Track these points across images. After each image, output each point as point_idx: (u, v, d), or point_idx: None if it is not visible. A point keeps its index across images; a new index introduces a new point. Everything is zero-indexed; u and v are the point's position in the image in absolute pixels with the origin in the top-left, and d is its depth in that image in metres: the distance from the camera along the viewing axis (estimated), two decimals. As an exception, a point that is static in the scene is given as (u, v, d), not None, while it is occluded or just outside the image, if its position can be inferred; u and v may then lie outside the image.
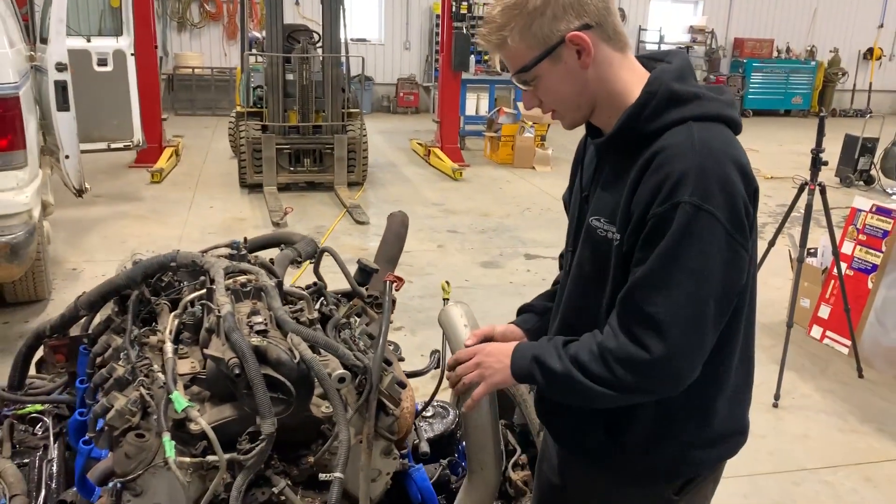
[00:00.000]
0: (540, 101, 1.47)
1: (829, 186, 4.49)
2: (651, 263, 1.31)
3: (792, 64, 17.92)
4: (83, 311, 1.86)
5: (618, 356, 1.34)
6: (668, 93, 1.37)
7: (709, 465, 1.58)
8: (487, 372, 1.50)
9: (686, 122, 1.35)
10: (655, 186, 1.31)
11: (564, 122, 1.51)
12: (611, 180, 1.45)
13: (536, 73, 1.40)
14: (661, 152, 1.33)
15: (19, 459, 1.84)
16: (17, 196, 4.13)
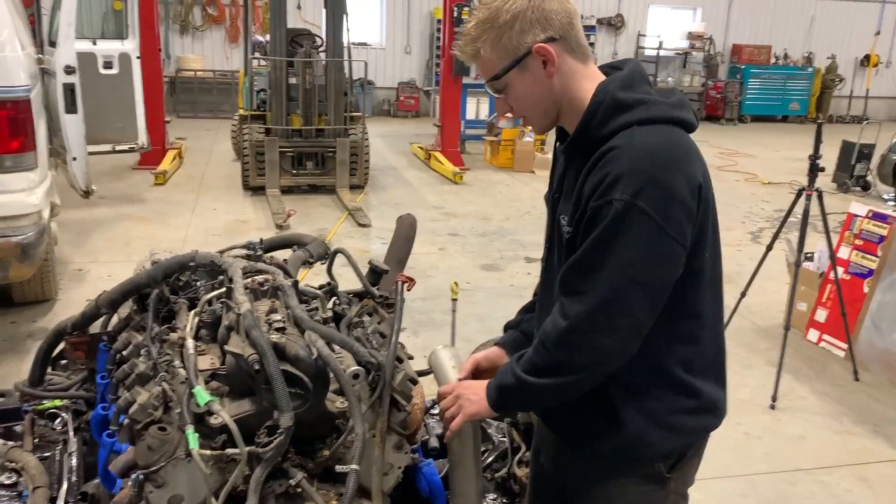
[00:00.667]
0: (510, 107, 1.59)
1: (826, 192, 4.56)
2: (584, 248, 1.45)
3: (789, 70, 18.02)
4: (104, 309, 1.91)
5: (549, 335, 1.51)
6: (613, 101, 1.49)
7: (696, 436, 1.67)
8: (465, 404, 1.65)
9: (631, 127, 1.46)
10: (596, 183, 1.44)
11: (535, 127, 1.64)
12: (572, 181, 1.57)
13: (506, 82, 1.54)
14: (605, 154, 1.45)
15: (40, 453, 1.89)
16: (28, 197, 4.19)
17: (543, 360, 1.52)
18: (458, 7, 9.96)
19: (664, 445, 1.62)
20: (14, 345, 4.44)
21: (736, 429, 3.89)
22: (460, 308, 5.24)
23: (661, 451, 1.62)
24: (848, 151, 10.14)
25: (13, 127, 4.06)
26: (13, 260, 4.03)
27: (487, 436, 2.25)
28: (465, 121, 11.56)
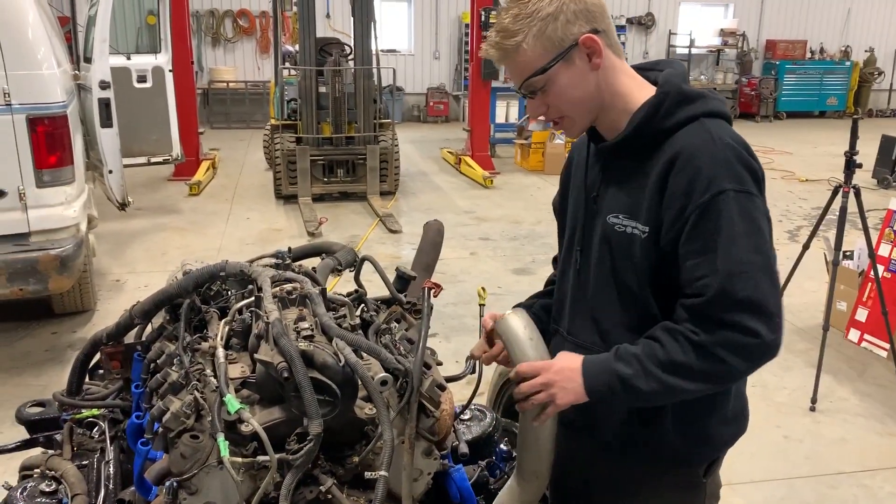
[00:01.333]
0: (547, 107, 1.53)
1: (865, 188, 4.47)
2: (719, 253, 1.38)
3: (826, 65, 17.68)
4: (137, 319, 1.95)
5: (728, 347, 1.38)
6: (679, 92, 1.49)
7: (730, 443, 1.66)
8: (558, 393, 1.49)
9: (698, 119, 1.47)
10: (689, 181, 1.41)
11: (573, 129, 1.58)
12: (625, 178, 1.54)
13: (549, 77, 1.47)
14: (683, 150, 1.43)
15: (79, 461, 1.92)
16: (66, 210, 4.29)
17: (710, 369, 1.40)
18: (486, 11, 9.97)
19: (700, 456, 1.63)
20: (55, 355, 4.54)
21: (775, 432, 3.82)
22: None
23: (698, 460, 1.63)
24: (888, 146, 9.91)
25: (51, 142, 4.17)
26: (52, 272, 4.12)
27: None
28: (495, 124, 11.57)
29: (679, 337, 1.42)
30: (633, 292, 1.54)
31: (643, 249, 1.49)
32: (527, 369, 1.51)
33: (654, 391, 1.43)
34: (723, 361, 1.39)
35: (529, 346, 1.57)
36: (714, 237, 1.38)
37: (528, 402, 1.51)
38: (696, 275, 1.40)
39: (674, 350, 1.41)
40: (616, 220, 1.53)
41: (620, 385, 1.44)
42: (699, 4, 18.05)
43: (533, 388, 1.50)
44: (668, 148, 1.46)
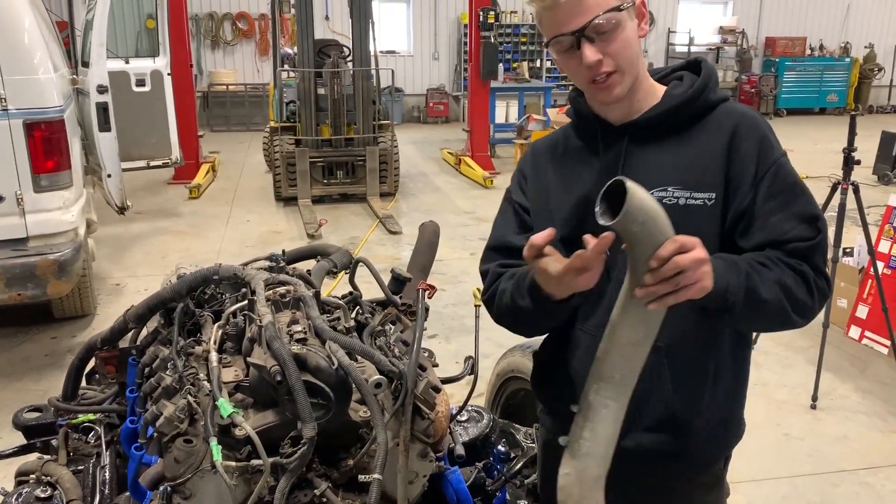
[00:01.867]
0: (602, 56, 1.45)
1: (866, 184, 4.46)
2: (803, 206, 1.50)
3: (826, 61, 17.66)
4: (132, 323, 1.94)
5: (819, 287, 1.49)
6: (716, 77, 1.60)
7: (739, 439, 1.70)
8: (707, 276, 1.31)
9: (728, 100, 1.59)
10: (758, 146, 1.51)
11: (618, 88, 1.50)
12: (662, 154, 1.55)
13: (620, 19, 1.44)
14: (743, 119, 1.54)
15: (74, 466, 1.92)
16: (63, 215, 4.29)
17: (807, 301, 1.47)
18: (485, 11, 9.96)
19: (728, 447, 1.67)
20: (55, 360, 4.54)
21: (776, 430, 3.81)
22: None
23: (723, 456, 1.67)
24: (888, 142, 9.88)
25: (48, 147, 4.17)
26: (51, 277, 4.12)
27: (516, 441, 2.23)
28: (495, 125, 11.56)
29: (781, 264, 1.47)
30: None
31: (708, 217, 1.51)
32: (689, 242, 1.28)
33: (770, 301, 1.43)
34: (811, 295, 1.47)
35: (668, 219, 1.30)
36: (795, 189, 1.51)
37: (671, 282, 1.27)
38: (791, 224, 1.48)
39: (778, 271, 1.46)
40: (664, 193, 1.51)
41: (745, 285, 1.40)
42: (698, 2, 18.05)
43: (692, 264, 1.27)
44: (717, 118, 1.54)
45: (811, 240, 1.49)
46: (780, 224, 1.49)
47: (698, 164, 1.52)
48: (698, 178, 1.51)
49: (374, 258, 6.15)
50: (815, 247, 1.49)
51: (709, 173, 1.51)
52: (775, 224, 1.49)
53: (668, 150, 1.55)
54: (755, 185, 1.50)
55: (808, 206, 1.51)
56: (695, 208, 1.50)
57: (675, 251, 1.26)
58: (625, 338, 1.38)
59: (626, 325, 1.38)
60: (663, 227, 1.28)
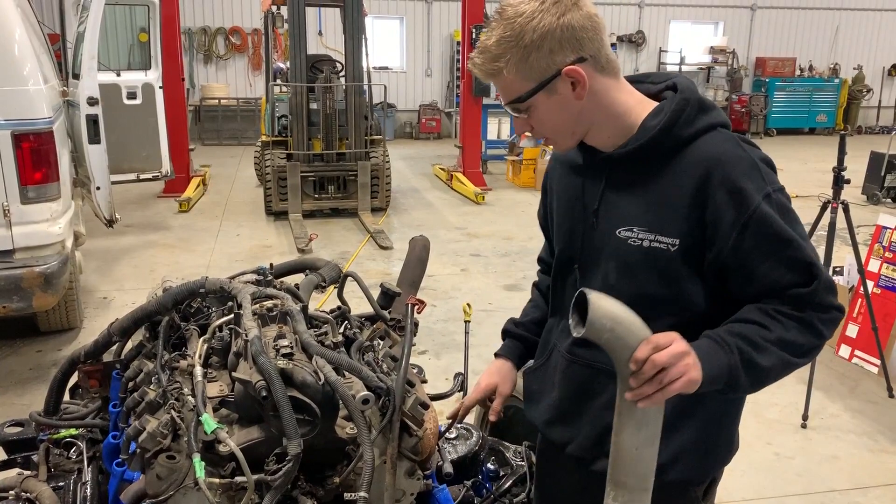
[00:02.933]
0: (532, 127, 1.50)
1: (856, 204, 4.48)
2: (794, 249, 1.43)
3: (815, 82, 17.83)
4: (116, 337, 1.91)
5: (827, 323, 1.45)
6: (698, 101, 1.48)
7: (726, 463, 1.67)
8: (693, 368, 1.31)
9: (715, 129, 1.47)
10: (733, 192, 1.41)
11: (559, 147, 1.57)
12: (635, 190, 1.50)
13: (531, 104, 1.44)
14: (718, 161, 1.43)
15: (55, 482, 1.88)
16: (50, 227, 4.26)
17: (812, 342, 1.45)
18: (477, 28, 10.01)
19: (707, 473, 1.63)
20: (40, 373, 4.48)
21: (766, 449, 3.79)
22: (483, 329, 5.21)
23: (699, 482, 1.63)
24: (877, 162, 9.96)
25: (36, 158, 4.14)
26: (36, 289, 4.08)
27: (505, 459, 2.21)
28: (487, 141, 11.59)
29: (779, 316, 1.42)
30: (665, 302, 1.49)
31: (671, 262, 1.47)
32: (664, 340, 1.28)
33: (772, 367, 1.42)
34: (822, 335, 1.45)
35: (639, 320, 1.30)
36: (780, 237, 1.42)
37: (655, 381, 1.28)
38: (779, 273, 1.42)
39: (777, 328, 1.42)
40: (630, 233, 1.49)
41: (742, 363, 1.39)
42: (689, 22, 18.21)
43: (671, 359, 1.27)
44: (691, 158, 1.44)
45: (807, 286, 1.42)
46: (770, 273, 1.43)
47: (665, 206, 1.46)
48: (663, 221, 1.46)
49: (365, 273, 6.12)
50: (813, 293, 1.43)
51: (674, 218, 1.45)
52: (765, 274, 1.43)
53: (640, 188, 1.50)
54: (733, 235, 1.42)
55: (798, 253, 1.43)
56: (658, 252, 1.47)
57: (649, 352, 1.27)
58: (628, 442, 1.38)
59: (627, 430, 1.37)
60: (634, 330, 1.28)
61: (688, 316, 1.49)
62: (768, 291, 1.44)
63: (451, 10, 15.91)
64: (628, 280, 1.51)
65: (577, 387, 1.65)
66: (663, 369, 1.27)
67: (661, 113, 1.47)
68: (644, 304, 1.46)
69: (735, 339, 1.41)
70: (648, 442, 1.37)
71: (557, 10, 1.38)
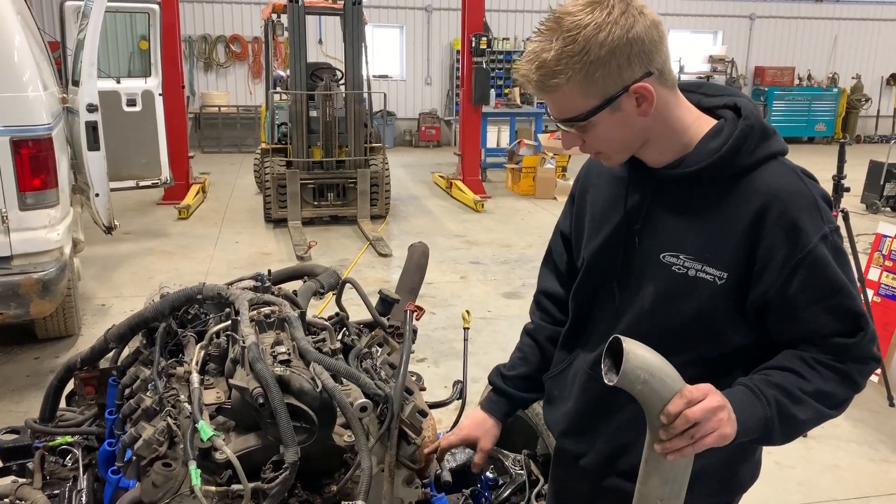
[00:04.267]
0: (583, 142, 1.40)
1: (855, 213, 4.47)
2: (844, 295, 1.36)
3: (814, 91, 17.87)
4: (112, 343, 1.90)
5: (865, 374, 1.40)
6: (762, 128, 1.40)
7: (748, 487, 1.64)
8: (727, 422, 1.26)
9: (776, 157, 1.40)
10: (784, 234, 1.34)
11: (610, 162, 1.45)
12: (686, 214, 1.42)
13: (591, 122, 1.34)
14: (777, 195, 1.35)
15: (50, 490, 1.86)
16: (49, 233, 4.24)
17: (848, 395, 1.40)
18: (477, 37, 10.05)
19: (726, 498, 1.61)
20: (37, 381, 4.46)
21: (767, 458, 3.72)
22: (482, 337, 5.20)
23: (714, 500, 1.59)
24: (876, 171, 9.97)
25: (35, 165, 4.13)
26: (34, 296, 4.06)
27: (505, 468, 2.19)
28: (486, 149, 11.61)
29: (818, 367, 1.37)
30: (699, 334, 1.43)
31: (715, 295, 1.39)
32: (697, 393, 1.24)
33: (808, 420, 1.37)
34: (858, 387, 1.40)
35: (675, 372, 1.26)
36: (832, 283, 1.35)
37: (686, 436, 1.24)
38: (825, 320, 1.36)
39: (815, 378, 1.36)
40: (675, 259, 1.41)
41: (778, 415, 1.34)
42: (688, 31, 18.25)
43: (704, 414, 1.23)
44: (750, 189, 1.36)
45: (852, 337, 1.37)
46: (815, 319, 1.36)
47: (718, 236, 1.38)
48: (714, 252, 1.38)
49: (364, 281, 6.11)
50: (857, 345, 1.37)
51: (726, 250, 1.37)
52: (810, 319, 1.37)
53: (690, 213, 1.41)
54: (784, 274, 1.34)
55: (847, 301, 1.36)
56: (704, 283, 1.39)
57: (682, 407, 1.22)
58: (653, 493, 1.34)
59: (653, 481, 1.33)
60: (668, 382, 1.24)
61: (717, 350, 1.44)
62: (810, 337, 1.39)
63: (451, 18, 15.94)
64: (665, 308, 1.44)
65: (594, 403, 1.59)
66: (696, 424, 1.23)
67: (719, 135, 1.38)
68: (675, 334, 1.44)
69: (772, 389, 1.35)
70: (674, 495, 1.33)
71: (626, 21, 1.26)
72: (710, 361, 1.44)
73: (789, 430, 1.37)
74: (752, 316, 1.41)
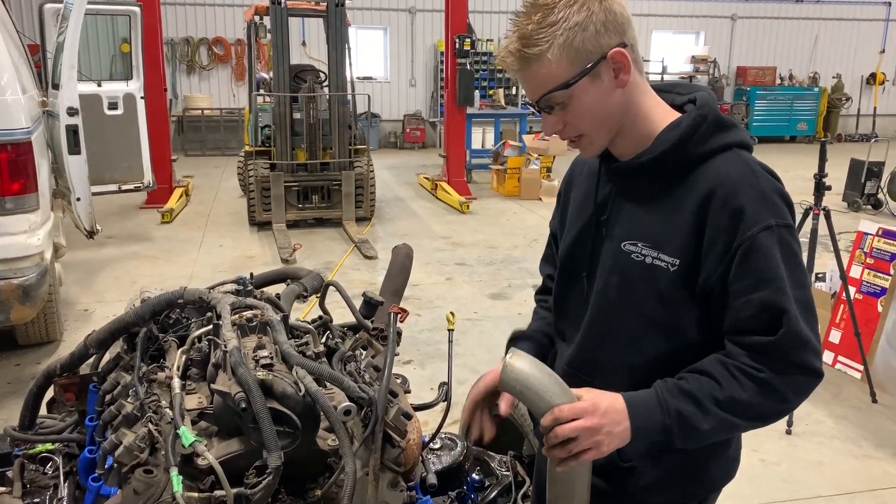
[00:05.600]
0: (564, 125, 1.42)
1: (837, 211, 4.51)
2: (775, 290, 1.32)
3: (795, 91, 18.04)
4: (92, 349, 1.88)
5: (794, 386, 1.35)
6: (717, 118, 1.42)
7: (721, 486, 1.62)
8: (605, 439, 1.32)
9: (731, 149, 1.41)
10: (733, 216, 1.34)
11: (590, 149, 1.47)
12: (644, 203, 1.45)
13: (572, 92, 1.36)
14: (724, 182, 1.36)
15: (30, 499, 1.83)
16: (29, 238, 4.19)
17: (774, 407, 1.36)
18: (460, 38, 10.05)
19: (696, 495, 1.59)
20: (18, 388, 4.41)
21: (752, 455, 3.79)
22: (468, 338, 5.20)
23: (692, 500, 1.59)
24: (857, 169, 10.08)
25: (13, 169, 4.08)
26: (14, 302, 4.01)
27: (490, 469, 2.19)
28: (471, 150, 11.63)
29: (738, 374, 1.34)
30: (662, 325, 1.44)
31: (670, 282, 1.40)
32: (568, 412, 1.31)
33: (712, 429, 1.35)
34: (786, 400, 1.35)
35: (555, 386, 1.34)
36: (765, 274, 1.32)
37: (564, 450, 1.32)
38: (752, 312, 1.33)
39: (732, 387, 1.33)
40: (633, 247, 1.44)
41: (678, 425, 1.34)
42: (671, 32, 18.37)
43: (574, 433, 1.31)
44: (701, 177, 1.38)
45: (769, 335, 1.32)
46: (740, 310, 1.35)
47: (670, 224, 1.41)
48: (667, 239, 1.41)
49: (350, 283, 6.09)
50: (775, 346, 1.32)
51: (676, 237, 1.40)
52: (737, 309, 1.35)
53: (649, 202, 1.45)
54: (725, 261, 1.35)
55: (775, 296, 1.32)
56: (659, 270, 1.41)
57: (550, 423, 1.31)
58: (550, 494, 1.49)
59: (552, 486, 1.47)
60: (544, 398, 1.32)
61: (684, 342, 1.44)
62: (733, 331, 1.37)
63: (435, 20, 15.94)
64: (628, 296, 1.46)
65: None
66: (572, 439, 1.31)
67: (678, 126, 1.41)
68: (641, 323, 1.46)
69: (679, 399, 1.35)
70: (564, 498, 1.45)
71: None
72: (680, 356, 1.43)
73: (690, 438, 1.36)
74: (703, 307, 1.41)
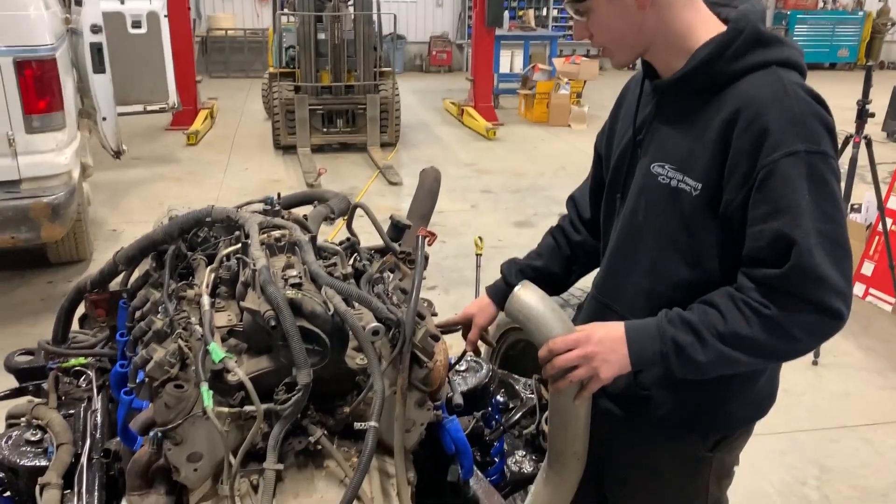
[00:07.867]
0: (590, 34, 1.41)
1: (877, 141, 4.36)
2: (793, 221, 1.23)
3: (838, 15, 17.29)
4: (121, 266, 1.89)
5: (804, 325, 1.27)
6: (756, 33, 1.33)
7: (746, 424, 1.59)
8: (601, 366, 1.35)
9: (770, 67, 1.32)
10: (756, 139, 1.26)
11: (613, 61, 1.47)
12: (678, 123, 1.41)
13: (589, 7, 1.36)
14: (750, 102, 1.28)
15: (65, 410, 1.88)
16: (56, 157, 4.21)
17: (779, 346, 1.29)
18: (491, -44, 9.70)
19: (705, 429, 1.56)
20: (51, 304, 4.51)
21: (776, 385, 3.79)
22: (492, 265, 5.16)
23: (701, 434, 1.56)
24: (899, 98, 9.73)
25: (39, 86, 4.06)
26: (44, 220, 4.06)
27: (515, 392, 2.20)
28: (499, 74, 11.35)
29: (744, 308, 1.28)
30: (684, 251, 1.40)
31: (693, 207, 1.36)
32: (561, 344, 1.35)
33: (711, 362, 1.31)
34: (794, 339, 1.28)
35: (555, 320, 1.39)
36: (780, 203, 1.24)
37: (566, 380, 1.37)
38: (763, 243, 1.26)
39: (736, 321, 1.28)
40: (661, 170, 1.41)
41: (675, 354, 1.32)
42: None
43: (570, 363, 1.35)
44: (731, 96, 1.31)
45: (776, 268, 1.25)
46: (754, 240, 1.29)
47: (695, 146, 1.36)
48: (692, 162, 1.36)
49: (374, 209, 6.04)
50: (783, 278, 1.24)
51: (701, 161, 1.34)
52: (752, 238, 1.29)
53: (680, 123, 1.40)
54: (744, 187, 1.29)
55: (789, 228, 1.23)
56: (683, 193, 1.37)
57: (546, 355, 1.38)
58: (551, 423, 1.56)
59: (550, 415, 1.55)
60: (543, 330, 1.39)
61: (705, 272, 1.39)
62: (746, 262, 1.31)
63: (464, -63, 15.40)
64: (653, 220, 1.44)
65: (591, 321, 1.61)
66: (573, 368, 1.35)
67: (711, 42, 1.34)
68: (663, 249, 1.43)
69: (680, 328, 1.32)
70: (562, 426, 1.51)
71: None
72: (701, 287, 1.39)
73: (688, 369, 1.34)
74: (726, 234, 1.35)
